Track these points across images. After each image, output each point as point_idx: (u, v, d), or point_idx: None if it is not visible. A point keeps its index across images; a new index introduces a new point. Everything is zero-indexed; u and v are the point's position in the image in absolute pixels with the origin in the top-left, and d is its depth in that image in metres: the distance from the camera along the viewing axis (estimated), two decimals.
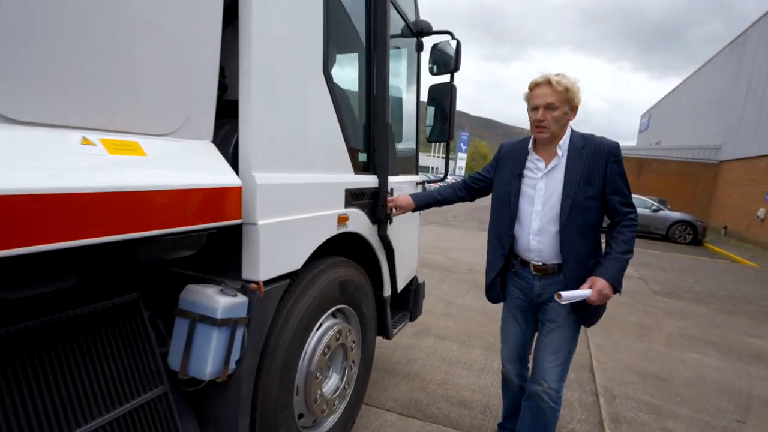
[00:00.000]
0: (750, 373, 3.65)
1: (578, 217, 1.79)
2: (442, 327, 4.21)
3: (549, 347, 1.94)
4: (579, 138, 1.83)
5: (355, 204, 2.07)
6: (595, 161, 1.79)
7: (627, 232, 1.81)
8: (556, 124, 1.78)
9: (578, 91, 1.78)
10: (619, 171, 1.80)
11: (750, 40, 16.06)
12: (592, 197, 1.79)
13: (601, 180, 1.79)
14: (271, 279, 1.51)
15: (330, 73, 1.83)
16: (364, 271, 2.28)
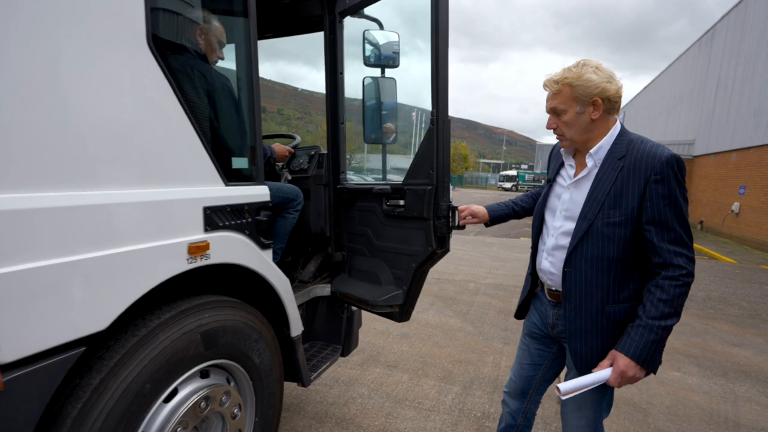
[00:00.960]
0: (736, 393, 3.24)
1: (593, 246, 1.41)
2: (394, 352, 3.72)
3: (570, 403, 1.58)
4: (624, 145, 1.42)
5: (226, 226, 1.55)
6: (631, 178, 1.36)
7: (668, 286, 1.33)
8: (570, 129, 1.46)
9: (594, 81, 1.38)
10: (667, 195, 1.33)
11: (717, 36, 16.11)
12: (616, 224, 1.38)
13: (635, 203, 1.36)
14: (28, 357, 0.98)
15: (167, 45, 1.32)
16: (254, 310, 1.76)
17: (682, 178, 1.35)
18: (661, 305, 1.32)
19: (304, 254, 2.78)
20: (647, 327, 1.33)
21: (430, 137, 1.91)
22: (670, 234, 1.33)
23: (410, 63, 32.08)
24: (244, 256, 1.63)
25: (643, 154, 1.36)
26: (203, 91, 1.55)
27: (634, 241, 1.38)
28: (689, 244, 1.35)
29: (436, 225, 1.95)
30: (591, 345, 1.46)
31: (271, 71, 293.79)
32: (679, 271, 1.32)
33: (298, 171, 2.64)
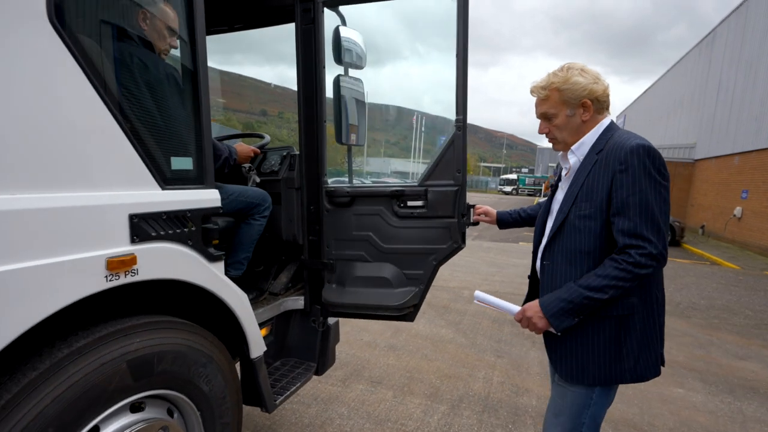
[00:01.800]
0: (744, 413, 3.02)
1: (567, 239, 1.43)
2: (380, 366, 3.50)
3: (550, 407, 1.59)
4: (605, 140, 1.42)
5: (162, 236, 1.34)
6: (602, 170, 1.37)
7: (608, 265, 1.32)
8: (562, 132, 1.48)
9: (582, 83, 1.39)
10: (630, 184, 1.30)
11: (718, 39, 15.95)
12: (586, 216, 1.39)
13: (603, 195, 1.35)
14: None
15: (80, 22, 1.12)
16: (203, 330, 1.55)
17: (651, 167, 1.28)
18: (593, 277, 1.33)
19: (277, 263, 2.57)
20: (569, 288, 1.36)
21: (455, 142, 2.03)
22: (627, 223, 1.29)
23: (407, 67, 31.61)
24: (186, 270, 1.42)
25: (614, 146, 1.35)
26: (139, 80, 1.35)
27: (605, 235, 1.36)
28: (648, 238, 1.27)
29: (461, 222, 2.08)
30: (564, 340, 1.45)
31: (271, 74, 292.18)
32: (625, 257, 1.29)
33: (269, 173, 2.44)
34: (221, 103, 21.76)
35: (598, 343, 1.39)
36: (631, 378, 1.39)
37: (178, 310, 1.69)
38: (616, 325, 1.37)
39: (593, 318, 1.38)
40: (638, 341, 1.37)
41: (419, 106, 73.86)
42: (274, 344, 2.35)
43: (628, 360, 1.38)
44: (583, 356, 1.41)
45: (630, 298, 1.36)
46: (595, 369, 1.40)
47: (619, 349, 1.37)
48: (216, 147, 1.85)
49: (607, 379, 1.40)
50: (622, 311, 1.36)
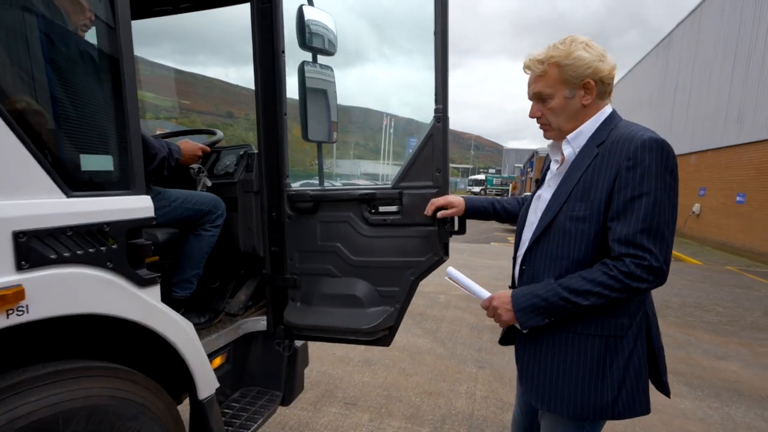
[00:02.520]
0: (734, 419, 2.92)
1: (553, 243, 1.21)
2: (354, 384, 3.21)
3: (544, 427, 1.34)
4: (609, 129, 1.21)
5: (65, 259, 1.01)
6: (604, 166, 1.15)
7: (596, 270, 1.12)
8: (558, 117, 1.25)
9: (586, 60, 1.16)
10: (638, 183, 1.08)
11: (674, 43, 16.57)
12: (580, 219, 1.16)
13: (603, 196, 1.13)
14: None
15: None
16: (132, 374, 1.23)
17: (665, 166, 1.08)
18: (576, 278, 1.14)
19: (235, 279, 2.24)
20: (547, 284, 1.18)
21: (434, 136, 1.72)
22: (626, 229, 1.08)
23: (378, 68, 31.58)
24: (103, 300, 1.10)
25: (620, 138, 1.15)
26: (38, 54, 1.02)
27: (600, 242, 1.15)
28: (649, 248, 1.06)
29: (442, 231, 1.77)
30: (540, 359, 1.25)
31: (237, 76, 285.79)
32: (619, 264, 1.08)
33: (223, 175, 2.11)
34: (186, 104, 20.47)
35: (578, 366, 1.19)
36: (612, 414, 1.17)
37: (118, 349, 1.38)
38: (600, 348, 1.17)
39: (576, 336, 1.19)
40: (624, 371, 1.16)
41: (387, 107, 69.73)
42: (231, 373, 2.03)
43: (611, 393, 1.16)
44: (556, 382, 1.21)
45: (620, 318, 1.17)
46: (569, 399, 1.19)
47: (601, 378, 1.17)
48: (149, 144, 1.52)
49: (584, 412, 1.18)
50: (609, 332, 1.17)
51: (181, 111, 55.21)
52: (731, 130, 11.70)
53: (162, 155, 1.57)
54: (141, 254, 1.23)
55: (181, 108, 61.80)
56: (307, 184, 2.03)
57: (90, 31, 1.24)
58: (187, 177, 2.05)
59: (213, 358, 1.86)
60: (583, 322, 1.18)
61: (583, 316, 1.17)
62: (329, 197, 1.88)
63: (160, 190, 1.71)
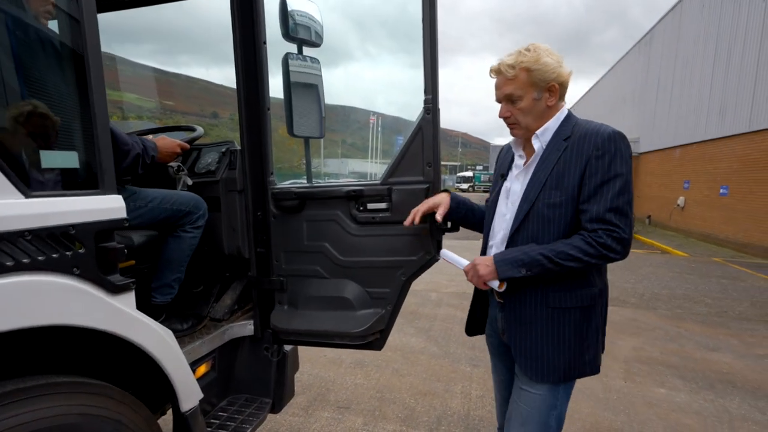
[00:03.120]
0: (729, 411, 2.91)
1: (534, 228, 1.35)
2: (347, 387, 3.13)
3: (514, 417, 1.47)
4: (571, 125, 1.37)
5: (24, 266, 0.92)
6: (574, 156, 1.31)
7: (578, 238, 1.27)
8: (527, 116, 1.37)
9: (551, 65, 1.31)
10: (606, 170, 1.26)
11: (656, 39, 16.78)
12: (556, 205, 1.32)
13: (575, 182, 1.29)
14: None
15: None
16: (107, 388, 1.14)
17: (627, 154, 1.27)
18: (558, 243, 1.28)
19: (220, 282, 2.14)
20: (529, 249, 1.30)
21: (424, 129, 1.65)
22: (598, 208, 1.25)
23: (363, 66, 31.43)
24: (68, 310, 1.00)
25: (587, 132, 1.31)
26: None
27: (576, 224, 1.32)
28: (617, 224, 1.24)
29: (434, 228, 1.70)
30: (531, 336, 1.38)
31: (221, 76, 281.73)
32: (595, 236, 1.24)
33: (205, 174, 2.01)
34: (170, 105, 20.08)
35: (563, 337, 1.35)
36: (590, 371, 1.39)
37: (94, 363, 1.28)
38: (580, 317, 1.35)
39: (557, 311, 1.35)
40: (595, 333, 1.39)
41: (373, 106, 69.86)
42: (218, 381, 1.93)
43: (589, 352, 1.38)
44: (551, 353, 1.36)
45: (592, 288, 1.35)
46: (562, 364, 1.36)
47: (581, 341, 1.36)
48: (121, 140, 1.42)
49: (573, 374, 1.38)
50: (585, 302, 1.35)
51: (165, 112, 54.15)
52: (713, 124, 11.87)
53: (136, 152, 1.47)
54: (113, 258, 1.13)
55: (165, 109, 60.61)
56: (296, 183, 1.93)
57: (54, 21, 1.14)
58: (167, 176, 1.94)
59: (197, 366, 1.76)
60: (561, 298, 1.33)
61: (560, 292, 1.33)
62: (315, 194, 1.79)
63: (135, 190, 1.60)
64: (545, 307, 1.35)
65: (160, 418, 1.69)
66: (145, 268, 1.75)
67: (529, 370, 1.40)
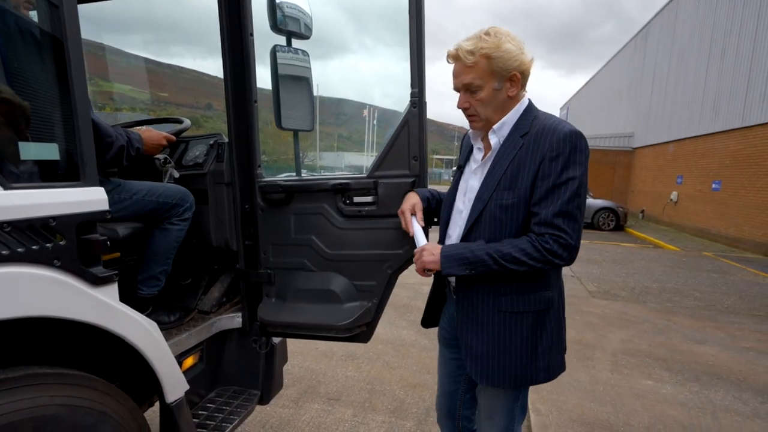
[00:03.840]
0: (713, 402, 2.96)
1: (486, 230, 1.29)
2: (337, 379, 3.15)
3: (482, 409, 1.49)
4: (530, 120, 1.29)
5: (4, 258, 0.92)
6: (528, 156, 1.24)
7: (525, 240, 1.23)
8: (486, 108, 1.28)
9: (513, 53, 1.22)
10: (559, 172, 1.20)
11: (652, 33, 16.78)
12: (509, 207, 1.26)
13: (528, 183, 1.23)
14: None
15: None
16: (90, 379, 1.14)
17: (583, 157, 1.21)
18: (505, 244, 1.23)
19: (208, 275, 2.14)
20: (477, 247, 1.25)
21: (410, 122, 1.64)
22: (546, 212, 1.20)
23: (359, 59, 31.26)
24: (49, 301, 1.00)
25: (543, 130, 1.24)
26: None
27: (528, 225, 1.26)
28: (565, 229, 1.19)
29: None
30: (482, 339, 1.33)
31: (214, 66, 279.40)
32: (542, 240, 1.20)
33: (192, 166, 2.00)
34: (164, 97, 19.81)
35: (515, 342, 1.31)
36: (544, 377, 1.35)
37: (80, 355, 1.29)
38: (533, 322, 1.31)
39: (510, 315, 1.31)
40: (551, 338, 1.34)
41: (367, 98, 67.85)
42: (206, 373, 1.94)
43: (543, 358, 1.33)
44: (498, 358, 1.32)
45: (546, 291, 1.31)
46: (509, 372, 1.32)
47: (533, 348, 1.32)
48: (104, 131, 1.41)
49: (524, 381, 1.34)
50: (539, 306, 1.31)
51: (159, 103, 53.72)
52: (707, 119, 11.93)
53: (120, 144, 1.47)
54: (95, 251, 1.13)
55: (159, 100, 60.10)
56: (290, 176, 1.94)
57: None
58: (154, 169, 1.94)
59: (184, 357, 1.77)
60: (514, 301, 1.30)
61: (513, 296, 1.29)
62: (302, 187, 1.79)
63: (120, 182, 1.60)
64: (497, 311, 1.31)
65: (148, 410, 1.70)
66: (131, 260, 1.75)
67: (477, 374, 1.36)
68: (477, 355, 1.34)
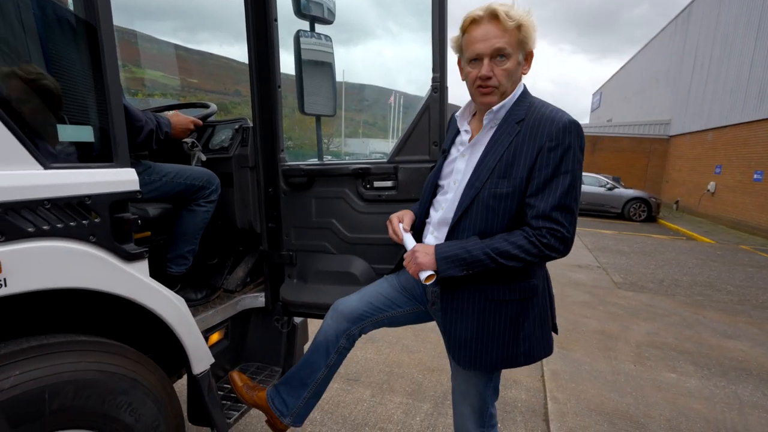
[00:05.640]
0: (740, 397, 2.88)
1: (477, 218, 1.25)
2: (357, 361, 3.22)
3: (457, 389, 1.50)
4: (526, 106, 1.24)
5: (44, 232, 0.99)
6: (525, 145, 1.19)
7: (518, 235, 1.20)
8: (508, 80, 1.21)
9: (533, 29, 1.19)
10: (558, 163, 1.16)
11: (694, 15, 15.90)
12: (503, 196, 1.21)
13: (524, 173, 1.19)
14: None
15: None
16: (123, 348, 1.23)
17: (581, 149, 1.18)
18: (500, 240, 1.20)
19: (233, 255, 2.23)
20: (472, 240, 1.23)
21: (431, 107, 1.63)
22: (544, 204, 1.16)
23: (384, 44, 30.89)
24: (86, 274, 1.08)
25: (541, 118, 1.19)
26: (12, 23, 0.98)
27: (519, 216, 1.23)
28: (563, 222, 1.17)
29: None
30: (466, 326, 1.31)
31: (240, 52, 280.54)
32: (538, 234, 1.17)
33: (218, 150, 2.07)
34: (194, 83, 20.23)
35: (497, 329, 1.30)
36: (525, 361, 1.34)
37: (115, 326, 1.38)
38: (516, 309, 1.30)
39: (495, 303, 1.29)
40: (534, 323, 1.32)
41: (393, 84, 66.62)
42: (230, 349, 2.03)
43: (524, 343, 1.32)
44: (482, 344, 1.31)
45: (531, 280, 1.29)
46: (492, 356, 1.32)
47: (516, 333, 1.30)
48: (134, 116, 1.48)
49: (504, 365, 1.34)
50: (522, 294, 1.29)
51: (189, 89, 54.85)
52: (751, 106, 11.30)
53: (149, 128, 1.53)
54: (127, 228, 1.20)
55: (189, 86, 61.33)
56: (314, 161, 1.99)
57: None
58: (182, 152, 2.01)
59: (210, 333, 1.86)
60: (500, 290, 1.27)
61: (500, 284, 1.27)
62: (323, 172, 1.83)
63: (150, 164, 1.68)
64: (483, 299, 1.29)
65: (176, 381, 1.80)
66: (161, 239, 1.84)
67: (458, 357, 1.35)
68: (462, 341, 1.33)
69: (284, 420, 1.63)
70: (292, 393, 1.62)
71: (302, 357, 1.65)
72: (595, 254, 7.32)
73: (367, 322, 1.57)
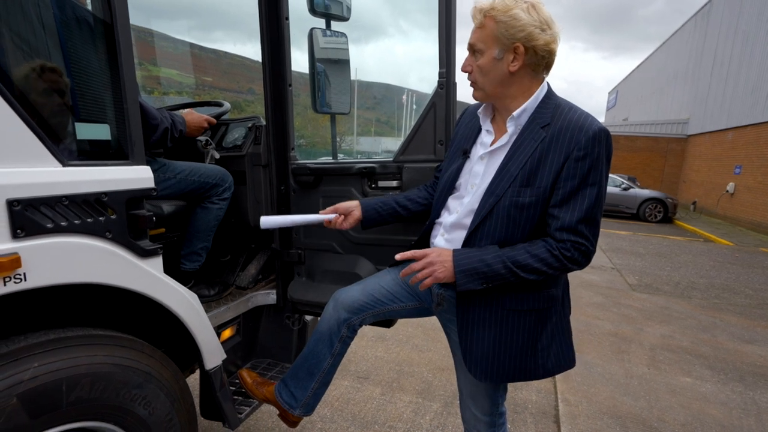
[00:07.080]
0: (758, 403, 2.82)
1: (497, 227, 1.19)
2: (367, 359, 3.23)
3: (464, 392, 1.49)
4: (550, 111, 1.17)
5: (63, 228, 1.01)
6: (551, 152, 1.13)
7: (541, 247, 1.15)
8: (485, 77, 1.18)
9: (523, 21, 1.09)
10: (586, 175, 1.11)
11: (714, 12, 15.53)
12: (525, 206, 1.16)
13: (549, 182, 1.13)
14: None
15: None
16: (138, 342, 1.25)
17: (608, 157, 1.13)
18: (520, 251, 1.15)
19: (246, 253, 2.25)
20: (492, 250, 1.17)
21: (437, 104, 1.60)
22: (571, 217, 1.12)
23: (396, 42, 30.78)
24: (102, 270, 1.10)
25: (569, 125, 1.13)
26: (31, 17, 1.00)
27: (541, 226, 1.19)
28: (587, 235, 1.13)
29: None
30: (483, 338, 1.26)
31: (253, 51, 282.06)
32: (562, 247, 1.13)
33: (232, 148, 2.09)
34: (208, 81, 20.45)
35: (515, 340, 1.26)
36: (544, 373, 1.29)
37: (130, 322, 1.41)
38: (534, 320, 1.25)
39: (512, 313, 1.25)
40: (552, 334, 1.28)
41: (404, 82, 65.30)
42: (242, 345, 2.05)
43: (542, 355, 1.28)
44: (499, 356, 1.27)
45: (551, 289, 1.25)
46: (510, 369, 1.27)
47: (534, 344, 1.26)
48: (150, 114, 1.50)
49: (520, 377, 1.29)
50: (542, 304, 1.25)
51: (204, 88, 55.45)
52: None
53: (165, 126, 1.56)
54: (142, 225, 1.22)
55: (203, 85, 61.98)
56: (327, 160, 2.00)
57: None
58: (196, 150, 2.04)
59: (222, 329, 1.88)
60: (518, 300, 1.23)
61: (518, 294, 1.23)
62: (329, 171, 1.84)
63: (165, 162, 1.70)
64: (501, 309, 1.24)
65: (189, 376, 1.83)
66: (175, 236, 1.87)
67: (475, 371, 1.30)
68: (479, 355, 1.28)
69: (294, 412, 1.65)
70: (300, 385, 1.64)
71: (305, 347, 1.65)
72: (609, 255, 7.22)
73: (367, 314, 1.55)
